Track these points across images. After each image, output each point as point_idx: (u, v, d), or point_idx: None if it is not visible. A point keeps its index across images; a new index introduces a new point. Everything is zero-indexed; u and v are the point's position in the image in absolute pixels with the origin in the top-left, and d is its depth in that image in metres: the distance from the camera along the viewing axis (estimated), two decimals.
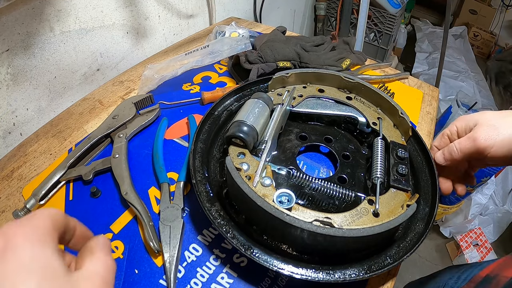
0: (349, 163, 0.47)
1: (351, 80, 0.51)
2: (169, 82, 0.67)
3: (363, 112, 0.49)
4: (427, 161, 0.46)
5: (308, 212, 0.35)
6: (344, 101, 0.51)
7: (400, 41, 2.08)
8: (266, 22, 1.26)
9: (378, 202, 0.36)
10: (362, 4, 1.43)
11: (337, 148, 0.48)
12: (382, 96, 0.49)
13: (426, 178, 0.45)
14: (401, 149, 0.43)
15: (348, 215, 0.35)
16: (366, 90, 0.51)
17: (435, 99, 0.68)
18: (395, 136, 0.46)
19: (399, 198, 0.38)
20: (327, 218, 0.34)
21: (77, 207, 0.45)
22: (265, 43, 0.67)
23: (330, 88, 0.53)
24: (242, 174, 0.38)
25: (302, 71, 0.53)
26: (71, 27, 0.60)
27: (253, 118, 0.42)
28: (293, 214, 0.33)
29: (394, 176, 0.40)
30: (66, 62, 0.62)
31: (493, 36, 2.35)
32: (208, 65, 0.72)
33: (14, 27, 0.52)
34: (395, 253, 0.37)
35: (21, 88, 0.56)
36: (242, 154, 0.41)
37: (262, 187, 0.37)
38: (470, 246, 1.30)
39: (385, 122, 0.48)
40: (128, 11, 0.70)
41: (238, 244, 0.36)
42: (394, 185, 0.39)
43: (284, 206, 0.34)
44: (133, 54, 0.76)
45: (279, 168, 0.42)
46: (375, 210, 0.36)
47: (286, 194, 0.36)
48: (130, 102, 0.58)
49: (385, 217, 0.36)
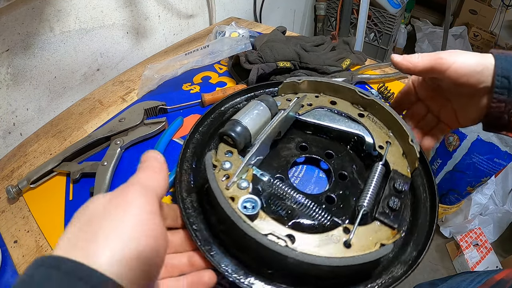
0: (344, 183, 0.43)
1: (366, 96, 0.47)
2: (169, 82, 0.67)
3: (372, 132, 0.44)
4: (432, 200, 0.41)
5: (273, 225, 0.32)
6: (355, 117, 0.46)
7: (400, 41, 2.08)
8: (266, 22, 1.26)
9: (353, 232, 0.33)
10: (362, 4, 1.43)
11: (336, 166, 0.45)
12: (395, 118, 0.44)
13: (425, 219, 0.40)
14: (400, 180, 0.39)
15: (317, 238, 0.32)
16: (380, 109, 0.46)
17: None
18: (400, 165, 0.41)
19: (381, 234, 0.34)
20: (290, 235, 0.31)
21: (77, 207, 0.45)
22: (265, 43, 0.67)
23: (343, 101, 0.49)
24: (219, 172, 0.37)
25: (315, 79, 0.50)
26: (71, 27, 0.60)
27: (249, 119, 0.41)
28: (252, 223, 0.31)
29: (382, 209, 0.36)
30: (66, 62, 0.62)
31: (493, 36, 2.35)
32: (208, 65, 0.72)
33: (14, 27, 0.52)
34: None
35: (21, 88, 0.56)
36: (230, 153, 0.40)
37: (236, 189, 0.35)
38: (470, 246, 1.30)
39: (394, 148, 0.43)
40: (128, 11, 0.70)
41: (198, 237, 0.34)
42: (378, 218, 0.35)
43: (247, 212, 0.33)
44: (133, 54, 0.76)
45: (262, 173, 0.39)
46: (348, 240, 0.32)
47: (252, 200, 0.34)
48: (141, 107, 0.56)
49: (356, 251, 0.32)
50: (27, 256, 0.40)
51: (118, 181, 0.48)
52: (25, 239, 0.42)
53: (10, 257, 0.40)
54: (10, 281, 0.38)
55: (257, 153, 0.41)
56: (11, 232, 0.43)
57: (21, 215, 0.45)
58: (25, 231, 0.43)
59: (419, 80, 0.45)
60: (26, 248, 0.41)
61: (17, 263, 0.39)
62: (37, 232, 0.43)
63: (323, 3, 1.59)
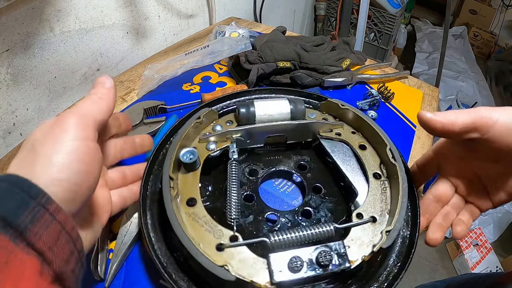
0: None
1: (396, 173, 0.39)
2: (169, 82, 0.67)
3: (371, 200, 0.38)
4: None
5: (218, 231, 0.33)
6: (370, 175, 0.40)
7: (400, 41, 2.08)
8: (266, 22, 1.26)
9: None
10: (362, 4, 1.43)
11: (315, 202, 0.42)
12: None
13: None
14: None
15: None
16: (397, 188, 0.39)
17: (435, 99, 0.68)
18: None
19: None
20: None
21: None
22: (265, 43, 0.67)
23: (374, 153, 0.43)
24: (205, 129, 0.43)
25: (359, 114, 0.44)
26: (71, 27, 0.60)
27: (262, 106, 0.43)
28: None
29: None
30: (66, 62, 0.62)
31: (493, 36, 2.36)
32: (208, 65, 0.72)
33: (14, 27, 0.52)
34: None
35: (21, 88, 0.56)
36: (230, 122, 0.45)
37: (204, 149, 0.40)
38: (470, 246, 1.30)
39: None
40: (128, 11, 0.70)
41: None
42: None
43: (185, 161, 0.37)
44: (133, 54, 0.76)
45: (234, 151, 0.42)
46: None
47: (192, 151, 0.38)
48: (141, 107, 0.56)
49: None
50: None
51: None
52: None
53: None
54: None
55: (245, 133, 0.43)
56: None
57: None
58: None
59: (445, 146, 0.38)
60: None
61: None
62: None
63: (323, 3, 1.59)
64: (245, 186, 0.43)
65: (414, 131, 0.59)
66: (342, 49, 0.73)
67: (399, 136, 0.57)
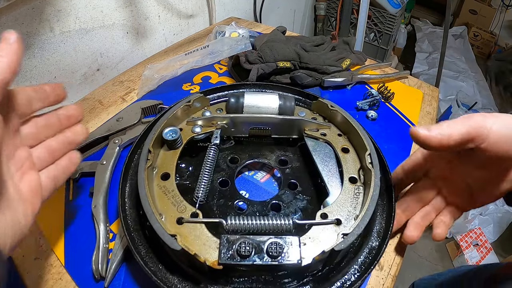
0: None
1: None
2: (169, 82, 0.67)
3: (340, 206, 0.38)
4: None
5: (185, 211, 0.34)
6: (346, 178, 0.40)
7: (400, 41, 2.08)
8: (266, 22, 1.26)
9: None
10: (362, 4, 1.43)
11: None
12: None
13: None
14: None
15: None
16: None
17: (435, 99, 0.68)
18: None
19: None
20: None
21: (77, 206, 0.45)
22: (265, 43, 0.67)
23: (355, 158, 0.43)
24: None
25: (348, 119, 0.44)
26: (71, 27, 0.60)
27: (252, 97, 0.46)
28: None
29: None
30: (66, 62, 0.62)
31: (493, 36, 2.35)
32: (208, 65, 0.72)
33: (14, 27, 0.52)
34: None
35: None
36: (220, 110, 0.46)
37: (190, 131, 0.43)
38: (470, 246, 1.30)
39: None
40: (128, 11, 0.70)
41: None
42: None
43: (168, 138, 0.39)
44: (133, 54, 0.76)
45: (216, 137, 0.44)
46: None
47: (174, 130, 0.40)
48: (138, 106, 0.56)
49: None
50: (27, 256, 0.40)
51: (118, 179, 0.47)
52: (25, 239, 0.42)
53: (10, 257, 0.40)
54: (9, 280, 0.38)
55: (230, 121, 0.45)
56: None
57: None
58: None
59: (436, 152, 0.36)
60: (26, 248, 0.41)
61: (17, 263, 0.39)
62: (37, 232, 0.43)
63: (323, 3, 1.59)
64: (223, 172, 0.45)
65: None
66: (342, 49, 0.73)
67: (399, 136, 0.57)
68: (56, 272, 0.38)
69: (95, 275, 0.36)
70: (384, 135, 0.57)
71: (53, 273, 0.38)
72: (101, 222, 0.41)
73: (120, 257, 0.38)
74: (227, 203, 0.41)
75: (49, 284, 0.37)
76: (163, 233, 0.31)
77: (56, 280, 0.38)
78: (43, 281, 0.38)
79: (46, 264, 0.39)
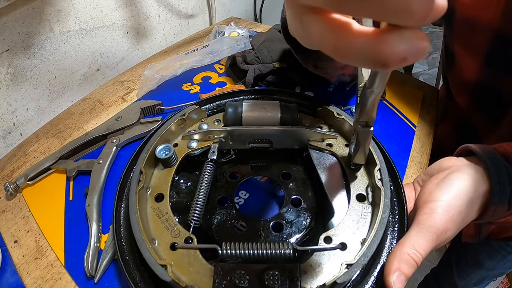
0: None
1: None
2: (169, 82, 0.67)
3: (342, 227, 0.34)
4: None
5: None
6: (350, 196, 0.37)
7: None
8: (266, 22, 1.26)
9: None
10: None
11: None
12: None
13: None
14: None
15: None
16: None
17: (435, 99, 0.68)
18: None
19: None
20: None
21: (77, 207, 0.45)
22: (263, 43, 0.67)
23: (363, 175, 0.38)
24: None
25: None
26: (71, 27, 0.60)
27: (249, 107, 0.42)
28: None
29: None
30: (66, 62, 0.62)
31: None
32: (208, 65, 0.72)
33: (14, 27, 0.52)
34: None
35: (21, 88, 0.57)
36: (218, 121, 0.44)
37: (185, 147, 0.41)
38: None
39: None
40: (128, 11, 0.70)
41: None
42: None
43: (161, 156, 0.38)
44: (133, 54, 0.77)
45: (213, 152, 0.40)
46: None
47: (167, 148, 0.38)
48: (138, 106, 0.56)
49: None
50: (27, 256, 0.40)
51: (114, 179, 0.48)
52: (25, 239, 0.42)
53: (10, 257, 0.40)
54: (10, 281, 0.38)
55: (228, 134, 0.42)
56: (11, 232, 0.43)
57: (21, 215, 0.45)
58: (25, 231, 0.43)
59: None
60: (26, 248, 0.41)
61: (17, 263, 0.40)
62: (37, 232, 0.43)
63: None
64: (223, 189, 0.41)
65: (414, 131, 0.59)
66: None
67: (399, 136, 0.57)
68: (56, 272, 0.38)
69: (86, 273, 0.37)
70: (383, 135, 0.57)
71: (53, 273, 0.38)
72: (93, 221, 0.41)
73: (111, 255, 0.38)
74: (225, 224, 0.38)
75: (49, 284, 0.37)
76: (153, 263, 0.29)
77: (56, 280, 0.38)
78: (43, 281, 0.38)
79: (46, 264, 0.39)
